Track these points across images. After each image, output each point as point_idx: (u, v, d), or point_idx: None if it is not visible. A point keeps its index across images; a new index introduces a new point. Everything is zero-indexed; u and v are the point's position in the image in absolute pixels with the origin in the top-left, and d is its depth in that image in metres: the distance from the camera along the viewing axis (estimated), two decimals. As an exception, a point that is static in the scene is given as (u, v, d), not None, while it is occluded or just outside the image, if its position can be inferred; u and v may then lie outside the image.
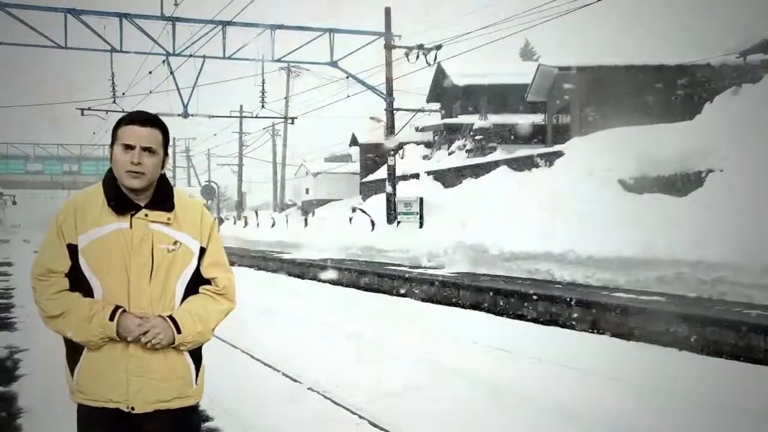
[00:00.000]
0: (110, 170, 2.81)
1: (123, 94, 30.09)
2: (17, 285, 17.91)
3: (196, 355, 2.85)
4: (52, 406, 6.13)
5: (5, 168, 63.28)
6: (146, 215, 2.75)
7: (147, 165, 2.71)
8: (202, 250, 2.84)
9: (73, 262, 2.70)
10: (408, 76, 25.40)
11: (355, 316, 12.09)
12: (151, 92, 28.22)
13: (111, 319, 2.63)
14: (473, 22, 21.55)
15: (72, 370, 2.74)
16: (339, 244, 24.13)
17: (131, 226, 2.73)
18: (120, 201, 2.74)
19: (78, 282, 2.71)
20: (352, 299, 15.07)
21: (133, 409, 2.68)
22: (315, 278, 20.11)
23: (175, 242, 2.76)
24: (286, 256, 24.99)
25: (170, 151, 2.94)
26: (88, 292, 2.70)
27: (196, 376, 2.83)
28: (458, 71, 35.96)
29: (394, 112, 23.38)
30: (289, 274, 22.25)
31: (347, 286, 18.12)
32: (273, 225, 39.52)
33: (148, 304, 2.70)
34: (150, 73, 27.15)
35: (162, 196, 2.80)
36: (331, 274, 19.37)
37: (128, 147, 2.71)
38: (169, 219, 2.77)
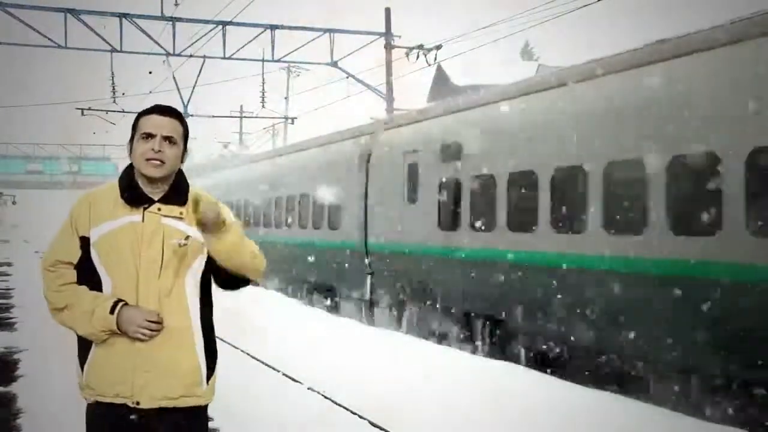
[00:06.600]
0: (128, 166, 2.80)
1: (123, 94, 30.10)
2: (17, 285, 17.89)
3: (210, 355, 2.80)
4: (52, 406, 6.13)
5: (5, 168, 63.12)
6: (159, 209, 2.73)
7: (167, 154, 2.70)
8: None
9: (86, 255, 2.69)
10: (408, 76, 25.30)
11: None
12: (151, 92, 28.23)
13: (111, 312, 2.61)
14: (473, 22, 21.55)
15: (82, 367, 2.73)
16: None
17: (143, 220, 2.71)
18: (133, 193, 2.73)
19: (88, 275, 2.70)
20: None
21: (138, 404, 2.65)
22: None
23: (187, 237, 2.72)
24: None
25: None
26: (97, 285, 2.70)
27: (208, 377, 2.78)
28: (458, 71, 35.95)
29: (394, 112, 23.34)
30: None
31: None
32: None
33: (156, 299, 2.68)
34: (150, 73, 27.20)
35: (176, 191, 2.77)
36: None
37: (149, 136, 2.70)
38: (181, 213, 2.74)
